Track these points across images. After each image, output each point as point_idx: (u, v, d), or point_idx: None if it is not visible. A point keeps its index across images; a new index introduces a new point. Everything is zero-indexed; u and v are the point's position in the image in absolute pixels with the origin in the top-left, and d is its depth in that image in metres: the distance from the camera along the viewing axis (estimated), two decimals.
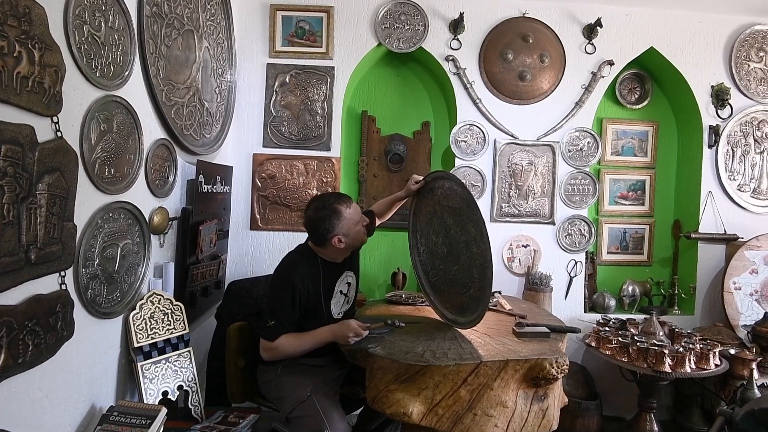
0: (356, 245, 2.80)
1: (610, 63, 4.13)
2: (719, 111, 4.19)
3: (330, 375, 2.76)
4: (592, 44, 4.14)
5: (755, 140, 4.24)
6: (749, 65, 4.20)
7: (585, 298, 4.22)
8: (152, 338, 2.60)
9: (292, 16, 4.03)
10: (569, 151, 4.16)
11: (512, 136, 4.13)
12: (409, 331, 2.67)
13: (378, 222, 3.23)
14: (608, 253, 4.50)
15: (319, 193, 2.90)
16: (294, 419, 2.55)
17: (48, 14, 1.81)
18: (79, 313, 2.12)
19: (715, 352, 3.32)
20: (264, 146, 4.05)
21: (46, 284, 1.90)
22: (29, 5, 1.71)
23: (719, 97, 4.15)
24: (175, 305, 2.76)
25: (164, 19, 2.76)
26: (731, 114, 4.19)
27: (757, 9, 4.08)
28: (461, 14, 3.94)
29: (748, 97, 4.20)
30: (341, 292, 2.83)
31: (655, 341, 3.33)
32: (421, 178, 2.99)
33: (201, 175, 3.15)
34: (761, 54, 4.21)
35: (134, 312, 2.53)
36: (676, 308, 4.27)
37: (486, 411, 2.29)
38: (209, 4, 3.35)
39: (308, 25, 4.04)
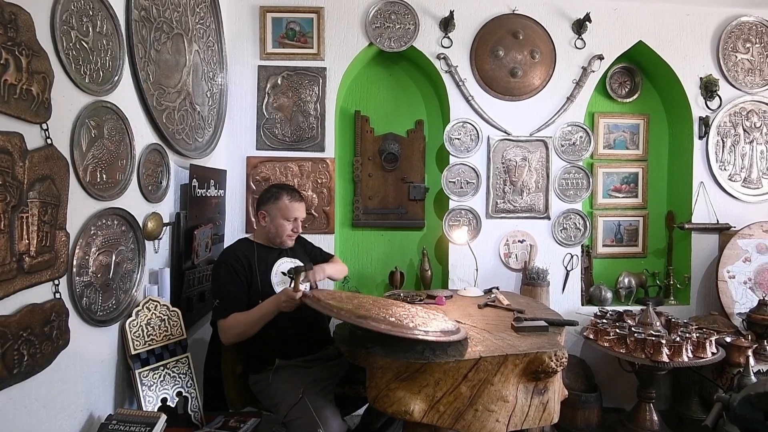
0: (274, 237, 2.89)
1: (600, 57, 4.15)
2: (708, 102, 4.21)
3: (322, 374, 2.76)
4: (582, 39, 4.15)
5: (744, 130, 4.26)
6: (737, 56, 4.22)
7: (582, 291, 4.23)
8: (149, 345, 2.58)
9: (282, 18, 4.02)
10: (562, 145, 4.17)
11: (505, 132, 4.13)
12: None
13: (329, 275, 3.12)
14: (603, 245, 4.52)
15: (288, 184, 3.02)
16: (289, 423, 2.55)
17: (34, 20, 1.80)
18: (75, 321, 2.10)
19: (711, 341, 3.33)
20: (257, 149, 4.04)
21: (40, 293, 1.89)
22: (15, 11, 1.70)
23: (708, 89, 4.17)
24: (172, 311, 2.75)
25: (153, 23, 2.75)
26: (720, 105, 4.22)
27: (742, 1, 4.10)
28: (451, 12, 3.94)
29: (737, 88, 4.22)
30: (283, 272, 2.86)
31: (652, 332, 3.34)
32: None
33: (194, 180, 3.14)
34: (748, 45, 4.23)
35: (130, 319, 2.51)
36: (672, 298, 4.29)
37: (487, 406, 2.29)
38: (198, 7, 3.34)
39: (298, 26, 4.03)
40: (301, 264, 2.79)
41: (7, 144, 1.67)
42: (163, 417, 2.28)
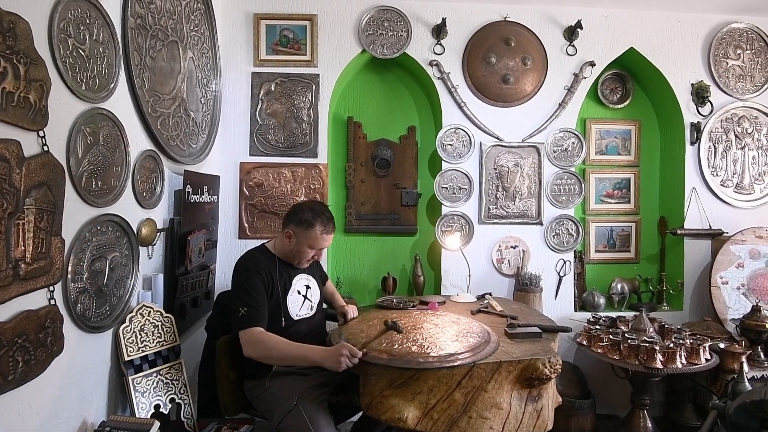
0: (291, 257, 2.83)
1: (592, 64, 4.18)
2: (700, 108, 4.24)
3: (317, 381, 2.74)
4: (573, 46, 4.18)
5: (736, 136, 4.29)
6: (727, 62, 4.26)
7: (575, 297, 4.24)
8: (143, 351, 2.58)
9: (276, 25, 4.03)
10: (554, 151, 4.19)
11: (498, 138, 4.15)
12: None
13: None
14: (596, 251, 4.54)
15: (326, 205, 2.90)
16: (283, 429, 2.54)
17: (32, 28, 1.80)
18: (69, 327, 2.10)
19: (705, 347, 3.34)
20: (251, 155, 4.04)
21: (35, 299, 1.89)
22: (13, 20, 1.71)
23: (699, 95, 4.21)
24: (165, 317, 2.75)
25: (148, 31, 2.76)
26: (712, 111, 4.25)
27: (733, 7, 4.14)
28: (443, 19, 3.96)
29: (728, 94, 4.26)
30: (299, 291, 2.85)
31: (645, 338, 3.35)
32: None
33: (188, 186, 3.14)
34: (739, 51, 4.27)
35: (124, 325, 2.51)
36: (665, 304, 4.31)
37: (481, 413, 2.30)
38: (193, 14, 3.35)
39: (292, 33, 4.04)
40: (391, 321, 2.72)
41: (5, 151, 1.67)
42: (156, 424, 2.28)
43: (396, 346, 2.45)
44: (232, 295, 2.72)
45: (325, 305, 3.17)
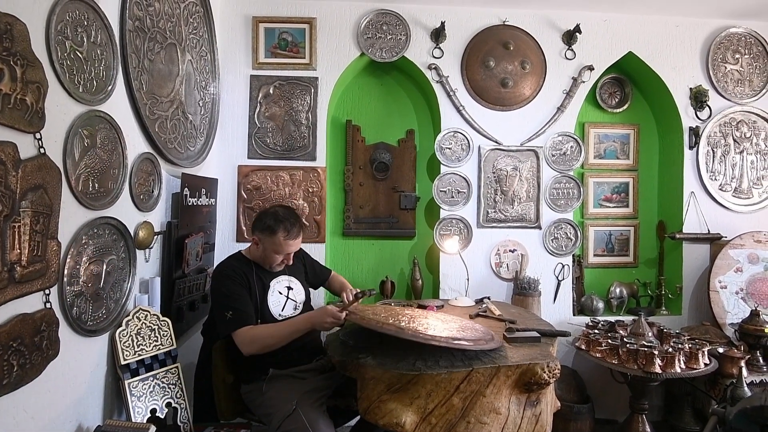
0: (263, 262, 2.88)
1: (590, 68, 4.18)
2: (698, 113, 4.24)
3: (316, 385, 2.75)
4: (572, 50, 4.18)
5: (734, 140, 4.30)
6: (726, 67, 4.27)
7: (573, 301, 4.23)
8: (139, 355, 2.56)
9: (275, 28, 4.03)
10: (553, 155, 4.19)
11: (496, 142, 4.15)
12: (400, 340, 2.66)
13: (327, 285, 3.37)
14: (595, 255, 4.53)
15: (292, 210, 2.92)
16: None
17: (30, 30, 1.79)
18: (65, 331, 2.09)
19: (704, 352, 3.33)
20: (249, 158, 4.04)
21: (31, 303, 1.87)
22: (10, 21, 1.70)
23: (698, 99, 4.21)
24: (162, 321, 2.73)
25: (147, 33, 2.75)
26: (710, 115, 4.25)
27: (731, 12, 4.14)
28: (442, 23, 3.96)
29: (726, 99, 4.26)
30: (279, 292, 2.89)
31: (644, 342, 3.34)
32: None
33: (186, 188, 3.13)
34: (737, 56, 4.28)
35: (120, 329, 2.49)
36: (664, 309, 4.30)
37: (479, 418, 2.29)
38: (191, 17, 3.34)
39: (291, 36, 4.04)
40: (367, 290, 2.80)
41: (1, 153, 1.66)
42: (153, 428, 2.26)
43: (403, 324, 2.47)
44: (214, 304, 2.81)
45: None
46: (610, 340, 3.44)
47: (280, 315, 2.84)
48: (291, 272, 3.00)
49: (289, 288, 2.94)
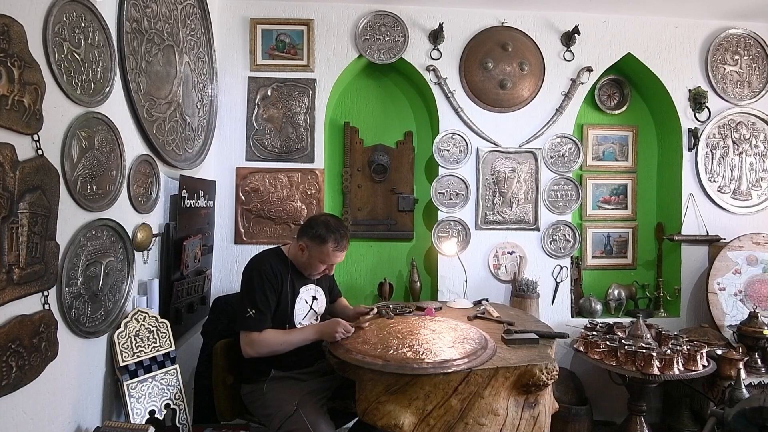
0: (303, 268, 2.84)
1: (589, 69, 4.18)
2: (697, 114, 4.25)
3: (316, 386, 2.75)
4: (571, 51, 4.18)
5: (733, 142, 4.30)
6: (725, 68, 4.27)
7: (571, 303, 4.23)
8: (138, 356, 2.56)
9: (273, 30, 4.03)
10: (551, 157, 4.19)
11: (495, 143, 4.15)
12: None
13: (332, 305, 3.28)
14: (593, 257, 4.53)
15: (341, 221, 2.89)
16: None
17: (27, 31, 1.79)
18: (63, 332, 2.09)
19: (702, 353, 3.33)
20: (247, 160, 4.04)
21: (30, 304, 1.87)
22: (7, 23, 1.70)
23: (697, 101, 4.21)
24: (161, 322, 2.73)
25: (144, 35, 2.75)
26: (709, 117, 4.25)
27: (730, 13, 4.15)
28: (441, 25, 3.96)
29: (725, 100, 4.26)
30: (306, 300, 2.87)
31: (642, 344, 3.35)
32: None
33: (184, 190, 3.13)
34: (736, 57, 4.28)
35: (119, 330, 2.49)
36: (662, 310, 4.30)
37: (477, 420, 2.29)
38: (189, 19, 3.34)
39: (289, 38, 4.04)
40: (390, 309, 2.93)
41: None
42: (151, 429, 2.26)
43: (391, 351, 2.44)
44: (242, 293, 2.75)
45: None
46: (608, 342, 3.44)
47: (300, 323, 2.83)
48: (318, 282, 2.99)
49: (314, 298, 2.93)
